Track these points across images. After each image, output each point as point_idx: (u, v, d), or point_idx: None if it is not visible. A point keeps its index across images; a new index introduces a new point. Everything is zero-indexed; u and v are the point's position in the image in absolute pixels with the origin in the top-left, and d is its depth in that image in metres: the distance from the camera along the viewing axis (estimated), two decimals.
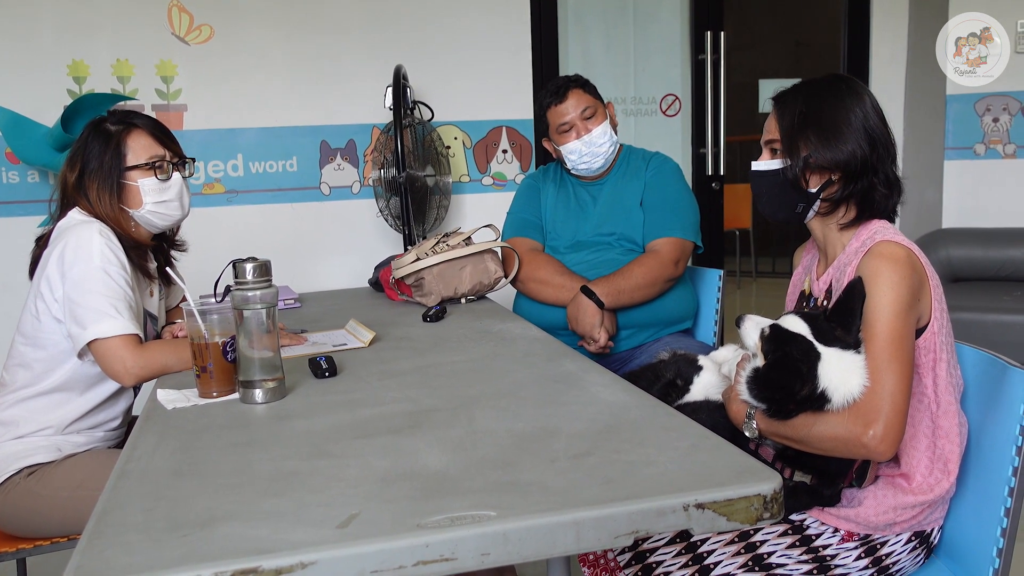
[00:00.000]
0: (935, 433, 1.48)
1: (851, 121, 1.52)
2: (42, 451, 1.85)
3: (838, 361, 1.39)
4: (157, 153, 1.96)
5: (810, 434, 1.42)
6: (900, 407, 1.36)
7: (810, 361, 1.39)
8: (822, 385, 1.39)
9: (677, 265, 2.43)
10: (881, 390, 1.36)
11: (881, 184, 1.53)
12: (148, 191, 1.94)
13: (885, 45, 4.41)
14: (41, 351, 1.87)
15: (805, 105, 1.55)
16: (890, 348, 1.37)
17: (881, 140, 1.53)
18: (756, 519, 1.02)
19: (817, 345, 1.41)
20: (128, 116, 1.99)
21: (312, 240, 3.73)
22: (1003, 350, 1.53)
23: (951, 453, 1.47)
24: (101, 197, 1.91)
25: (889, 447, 1.35)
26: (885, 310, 1.39)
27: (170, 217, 2.01)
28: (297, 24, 3.61)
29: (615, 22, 4.21)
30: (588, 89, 2.52)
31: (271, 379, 1.50)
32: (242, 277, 1.46)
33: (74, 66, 3.38)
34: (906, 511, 1.48)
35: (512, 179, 3.95)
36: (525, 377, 1.60)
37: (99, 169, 1.91)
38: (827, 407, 1.39)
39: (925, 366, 1.47)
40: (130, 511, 1.03)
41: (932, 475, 1.48)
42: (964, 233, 4.34)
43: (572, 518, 0.97)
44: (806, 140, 1.53)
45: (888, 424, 1.35)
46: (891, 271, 1.41)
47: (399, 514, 0.98)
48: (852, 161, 1.51)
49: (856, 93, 1.55)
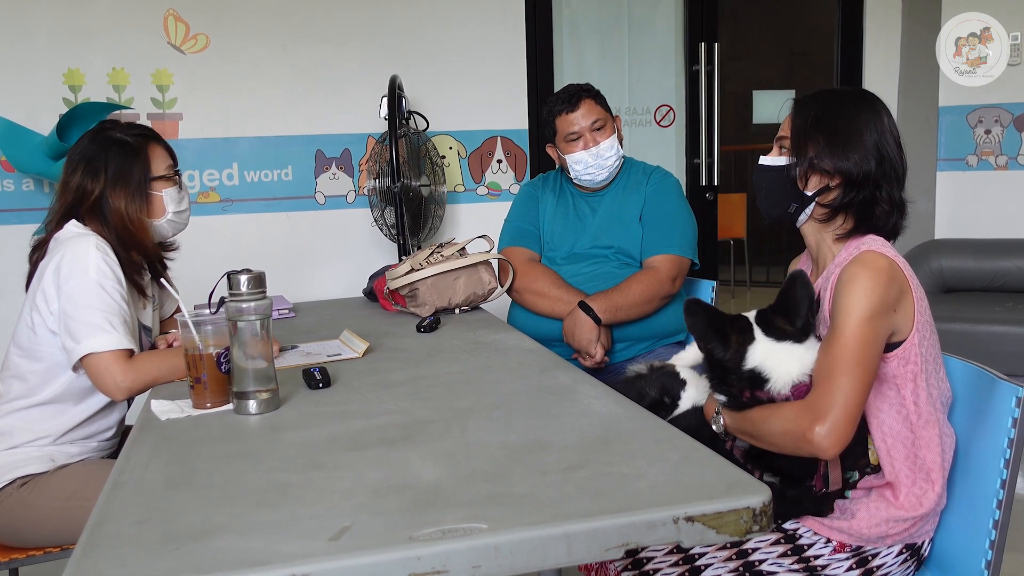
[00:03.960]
0: (915, 443, 1.49)
1: (863, 134, 1.53)
2: (35, 461, 1.85)
3: (774, 346, 1.47)
4: (170, 164, 2.02)
5: (763, 428, 1.47)
6: (851, 410, 1.38)
7: (741, 335, 1.49)
8: (751, 364, 1.47)
9: (674, 282, 2.44)
10: (836, 390, 1.39)
11: (884, 201, 1.54)
12: (170, 200, 2.00)
13: (878, 57, 4.44)
14: (37, 363, 1.87)
15: (822, 109, 1.57)
16: (853, 352, 1.40)
17: (890, 160, 1.54)
18: (745, 532, 1.03)
19: (756, 329, 1.49)
20: (141, 129, 2.04)
21: (307, 249, 3.74)
22: (995, 361, 1.54)
23: (933, 463, 1.48)
24: (130, 207, 1.93)
25: (833, 445, 1.37)
26: (854, 315, 1.41)
27: (181, 226, 2.08)
28: (293, 34, 3.62)
29: (610, 33, 4.23)
30: (599, 100, 2.53)
31: (265, 390, 1.51)
32: (236, 289, 1.47)
33: (70, 75, 3.39)
34: (898, 524, 1.49)
35: (507, 189, 3.96)
36: (518, 388, 1.61)
37: (128, 179, 1.93)
38: (766, 388, 1.47)
39: (904, 377, 1.48)
40: (124, 523, 1.04)
41: (916, 485, 1.49)
42: (956, 244, 4.36)
43: (563, 531, 0.97)
44: (815, 142, 1.55)
45: (835, 423, 1.37)
46: (867, 278, 1.43)
47: (391, 526, 0.99)
48: (854, 171, 1.52)
49: (876, 111, 1.56)
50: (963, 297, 4.17)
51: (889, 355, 1.47)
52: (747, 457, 1.57)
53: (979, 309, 3.87)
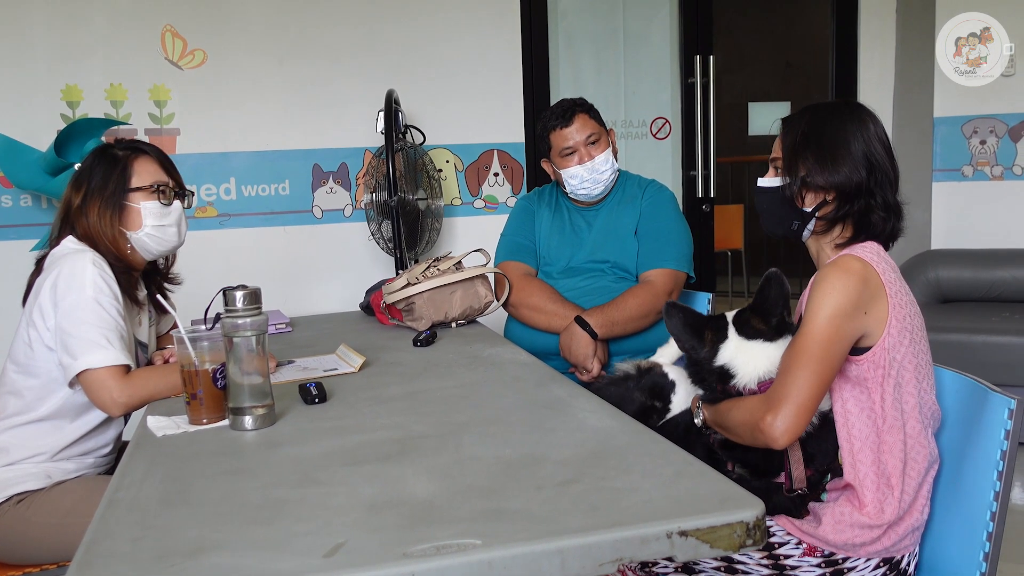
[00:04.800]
0: (880, 448, 1.51)
1: (850, 145, 1.56)
2: (32, 478, 1.85)
3: (743, 344, 1.54)
4: (161, 179, 2.00)
5: (728, 419, 1.53)
6: (805, 404, 1.42)
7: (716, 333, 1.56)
8: (721, 361, 1.55)
9: (670, 296, 2.45)
10: (791, 383, 1.42)
11: (879, 208, 1.56)
12: (149, 214, 1.97)
13: (873, 68, 4.46)
14: (33, 379, 1.88)
15: (808, 127, 1.60)
16: (814, 347, 1.43)
17: (881, 167, 1.56)
18: (739, 546, 1.03)
19: (731, 327, 1.56)
20: (136, 143, 2.04)
21: (304, 263, 3.74)
22: (991, 371, 1.55)
23: (893, 469, 1.50)
24: (102, 216, 1.92)
25: (783, 435, 1.41)
26: (820, 312, 1.45)
27: (166, 243, 2.02)
28: (290, 49, 3.64)
29: (605, 46, 4.24)
30: (593, 115, 2.54)
31: (261, 406, 1.51)
32: (232, 305, 1.48)
33: (67, 90, 3.40)
34: (864, 531, 1.49)
35: (504, 202, 3.97)
36: (513, 403, 1.62)
37: (103, 188, 1.94)
38: (733, 383, 1.53)
39: (873, 380, 1.50)
40: (118, 540, 1.04)
41: (879, 491, 1.50)
42: (952, 254, 4.37)
43: (557, 546, 0.98)
44: (804, 160, 1.58)
45: (787, 415, 1.41)
46: (837, 278, 1.47)
47: (385, 543, 0.99)
48: (847, 184, 1.55)
49: (860, 120, 1.58)
50: (959, 307, 4.17)
51: (859, 358, 1.49)
52: (722, 448, 1.62)
53: (975, 319, 3.87)
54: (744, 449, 1.55)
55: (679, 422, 1.76)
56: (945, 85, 4.39)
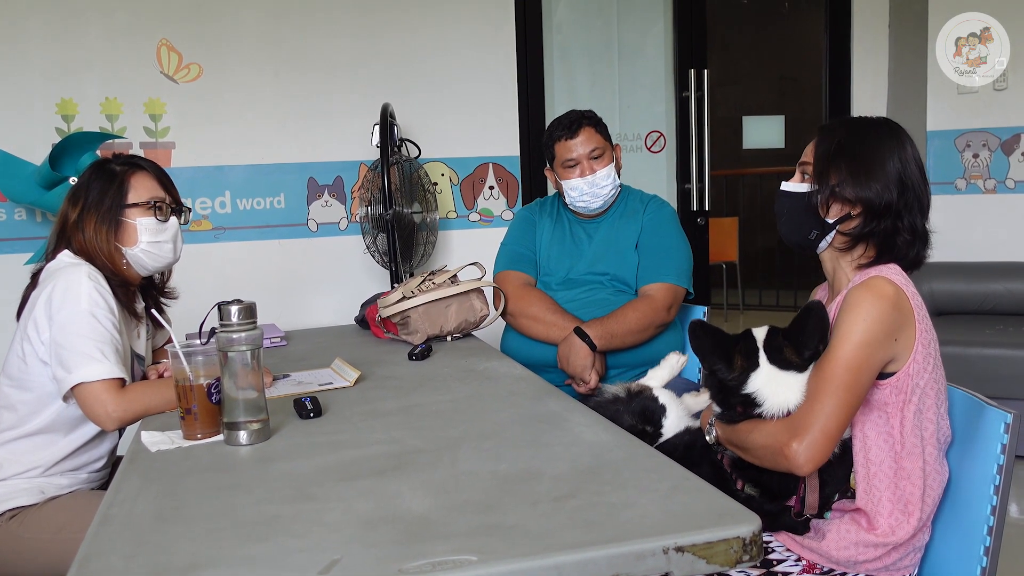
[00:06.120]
0: (897, 473, 1.49)
1: (886, 163, 1.52)
2: (24, 494, 1.84)
3: (775, 375, 1.48)
4: (158, 195, 1.99)
5: (748, 440, 1.49)
6: (831, 431, 1.40)
7: (746, 359, 1.50)
8: (750, 388, 1.49)
9: (670, 311, 2.45)
10: (819, 409, 1.40)
11: (906, 231, 1.53)
12: (144, 230, 1.96)
13: (866, 82, 4.48)
14: (27, 393, 1.87)
15: (846, 137, 1.56)
16: (842, 374, 1.41)
17: (914, 189, 1.53)
18: (735, 561, 1.03)
19: (761, 354, 1.50)
20: (134, 158, 2.04)
21: (299, 276, 3.74)
22: (985, 384, 1.55)
23: (911, 495, 1.48)
24: (98, 232, 1.92)
25: (807, 462, 1.40)
26: (852, 338, 1.42)
27: (162, 259, 2.02)
28: (285, 63, 3.64)
29: (600, 60, 4.26)
30: (600, 129, 2.55)
31: (256, 420, 1.50)
32: (227, 319, 1.47)
33: (62, 104, 3.40)
34: (868, 550, 1.48)
35: (499, 215, 3.98)
36: (509, 417, 1.61)
37: (99, 204, 1.94)
38: (757, 411, 1.48)
39: (894, 406, 1.48)
40: (112, 557, 1.04)
41: (892, 516, 1.48)
42: (947, 267, 4.38)
43: (553, 562, 0.97)
44: (837, 170, 1.53)
45: (813, 442, 1.39)
46: (871, 304, 1.43)
47: (381, 559, 0.99)
48: (876, 201, 1.51)
49: (899, 140, 1.55)
50: (954, 320, 4.18)
51: (883, 382, 1.47)
52: (733, 467, 1.59)
53: (970, 332, 3.88)
54: (759, 471, 1.52)
55: (677, 444, 1.74)
56: (938, 99, 4.42)
